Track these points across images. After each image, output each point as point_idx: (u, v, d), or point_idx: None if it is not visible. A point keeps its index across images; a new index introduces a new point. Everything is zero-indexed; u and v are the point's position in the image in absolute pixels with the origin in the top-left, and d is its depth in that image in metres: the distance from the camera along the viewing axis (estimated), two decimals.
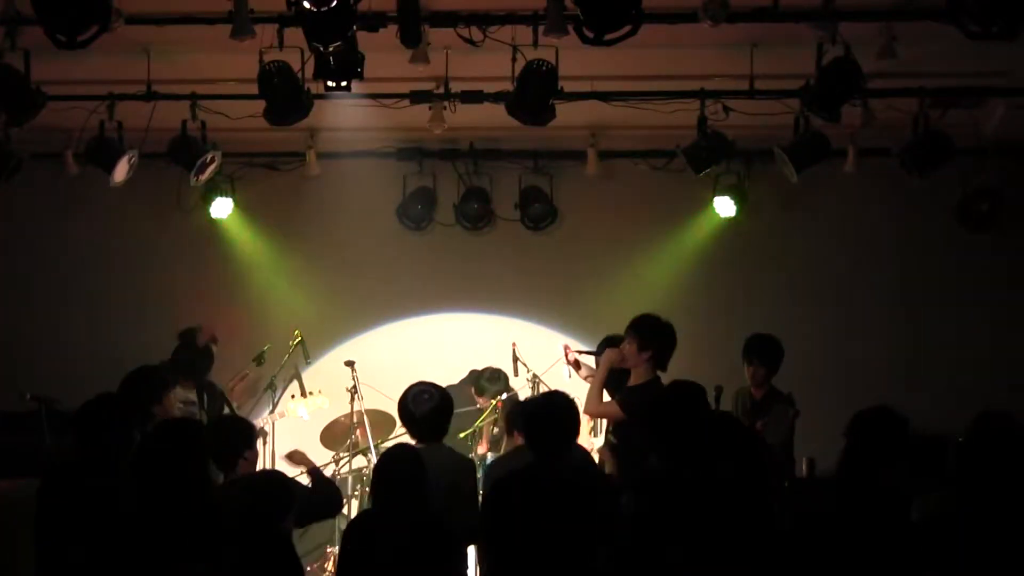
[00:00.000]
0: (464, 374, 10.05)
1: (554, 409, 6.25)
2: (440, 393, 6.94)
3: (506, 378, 9.56)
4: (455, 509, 6.43)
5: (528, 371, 9.33)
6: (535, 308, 11.07)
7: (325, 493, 6.82)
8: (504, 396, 9.15)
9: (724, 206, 10.75)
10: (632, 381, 7.87)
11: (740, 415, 8.34)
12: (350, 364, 9.38)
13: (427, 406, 6.85)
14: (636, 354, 7.76)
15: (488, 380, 9.62)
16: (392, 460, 6.24)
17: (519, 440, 7.05)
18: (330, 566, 8.99)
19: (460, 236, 11.12)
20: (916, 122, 9.42)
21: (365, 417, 9.29)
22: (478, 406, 9.49)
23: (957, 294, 10.86)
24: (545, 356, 9.34)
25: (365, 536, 6.09)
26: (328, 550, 9.12)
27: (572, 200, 11.07)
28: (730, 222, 10.85)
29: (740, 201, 10.71)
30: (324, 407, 9.50)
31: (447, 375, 9.90)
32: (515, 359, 9.42)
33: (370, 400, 9.38)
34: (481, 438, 9.27)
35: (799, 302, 10.85)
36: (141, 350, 9.06)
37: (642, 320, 7.86)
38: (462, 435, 9.50)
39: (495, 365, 9.68)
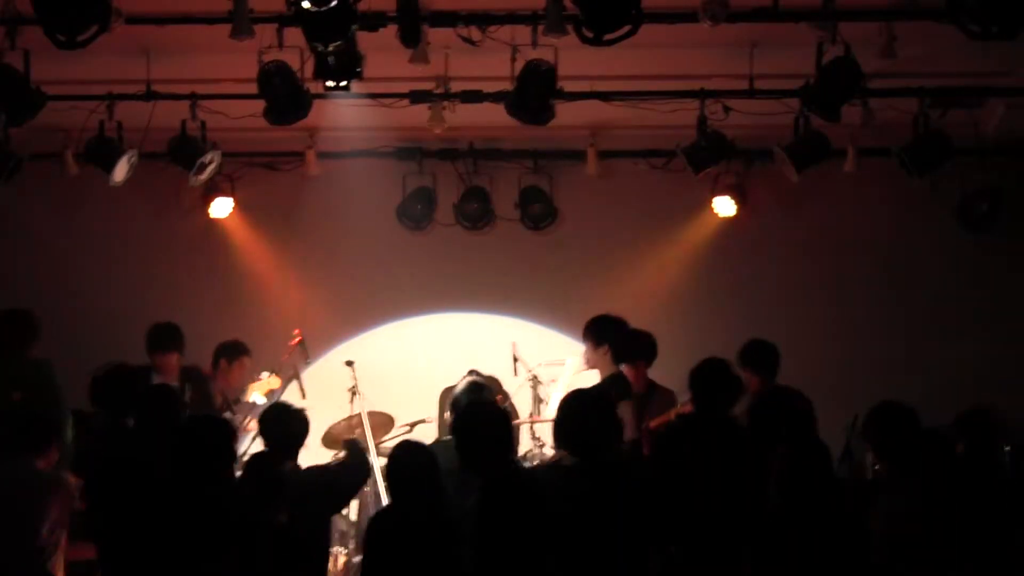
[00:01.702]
0: (463, 374, 10.02)
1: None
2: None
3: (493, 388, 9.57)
4: None
5: (528, 371, 9.33)
6: (535, 308, 11.07)
7: (356, 463, 7.26)
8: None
9: (724, 206, 10.75)
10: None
11: (741, 416, 8.33)
12: (350, 364, 9.38)
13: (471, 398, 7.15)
14: (594, 353, 8.19)
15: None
16: (405, 458, 6.30)
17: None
18: (335, 566, 8.96)
19: (460, 236, 11.11)
20: (916, 122, 9.43)
21: (366, 417, 9.28)
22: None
23: (957, 294, 10.86)
24: (545, 356, 9.35)
25: (388, 535, 6.14)
26: (333, 550, 9.10)
27: (572, 200, 11.07)
28: (730, 222, 10.85)
29: (740, 201, 10.72)
30: (274, 386, 9.45)
31: (447, 375, 9.89)
32: (515, 359, 9.42)
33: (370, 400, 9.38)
34: None
35: (799, 302, 10.85)
36: (140, 350, 9.07)
37: (592, 321, 8.33)
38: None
39: (490, 371, 9.70)
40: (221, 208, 10.90)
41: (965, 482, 6.19)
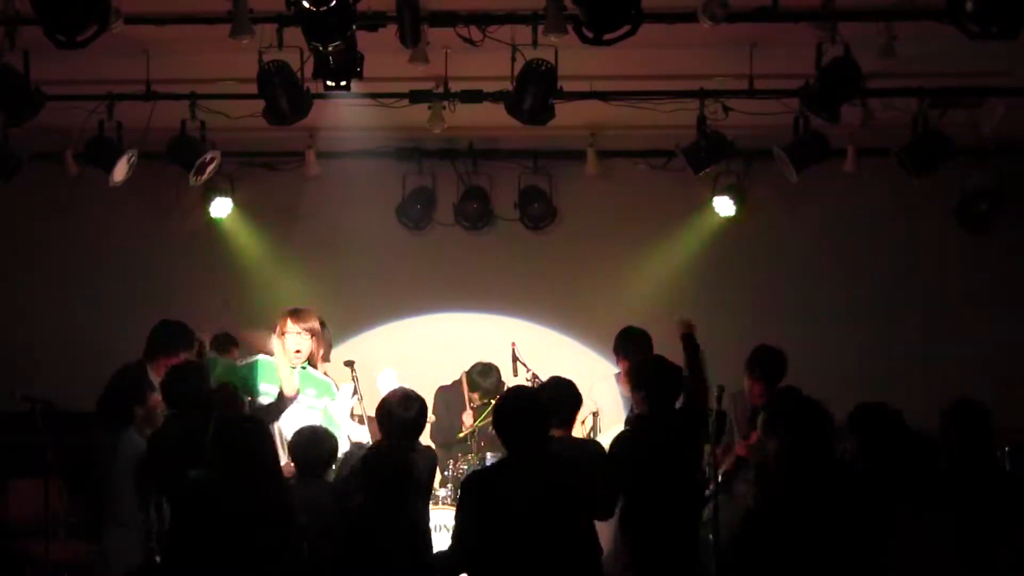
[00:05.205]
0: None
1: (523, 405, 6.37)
2: (419, 401, 7.07)
3: (498, 372, 9.57)
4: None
5: (528, 371, 9.33)
6: (535, 308, 11.07)
7: None
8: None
9: (724, 206, 10.76)
10: None
11: (736, 419, 8.32)
12: (350, 364, 9.36)
13: (411, 412, 6.94)
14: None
15: (480, 375, 9.63)
16: (383, 458, 6.36)
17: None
18: None
19: (459, 236, 11.12)
20: (916, 122, 9.41)
21: (365, 417, 9.28)
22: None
23: (956, 294, 10.87)
24: (545, 356, 9.34)
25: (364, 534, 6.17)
26: None
27: (571, 200, 11.08)
28: (730, 222, 10.86)
29: (740, 201, 10.73)
30: None
31: (447, 375, 9.91)
32: (515, 359, 9.42)
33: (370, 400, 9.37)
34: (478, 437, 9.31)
35: (798, 302, 10.85)
36: (140, 350, 9.05)
37: None
38: (461, 434, 9.51)
39: (486, 360, 9.70)
40: (221, 208, 10.91)
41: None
